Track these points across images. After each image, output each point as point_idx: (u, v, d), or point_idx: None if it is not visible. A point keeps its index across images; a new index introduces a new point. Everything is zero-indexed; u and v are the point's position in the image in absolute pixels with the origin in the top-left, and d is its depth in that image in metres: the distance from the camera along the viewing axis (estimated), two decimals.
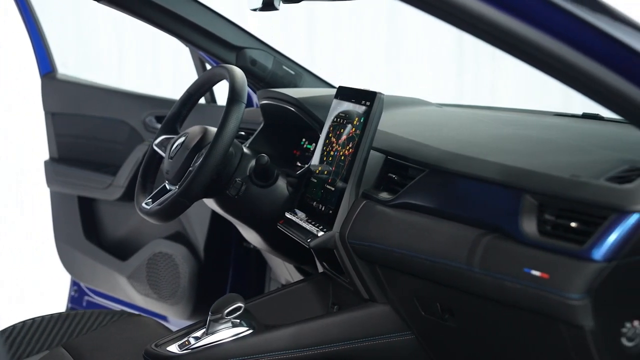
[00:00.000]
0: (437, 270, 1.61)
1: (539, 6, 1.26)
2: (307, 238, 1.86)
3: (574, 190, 1.44)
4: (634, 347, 1.41)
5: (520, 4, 1.25)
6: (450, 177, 1.68)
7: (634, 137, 1.44)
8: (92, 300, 3.23)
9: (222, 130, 1.97)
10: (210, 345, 1.81)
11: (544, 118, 2.16)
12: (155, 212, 2.05)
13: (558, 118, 2.14)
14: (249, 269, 2.88)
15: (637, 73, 1.26)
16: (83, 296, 3.25)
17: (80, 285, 3.26)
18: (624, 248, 1.34)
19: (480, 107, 2.49)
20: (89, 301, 3.24)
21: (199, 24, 2.45)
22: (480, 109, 2.41)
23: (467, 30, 1.28)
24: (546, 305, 1.40)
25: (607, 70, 1.27)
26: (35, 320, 2.15)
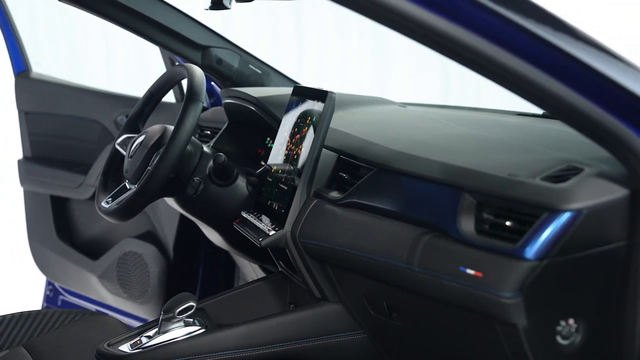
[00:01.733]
0: (381, 269, 1.61)
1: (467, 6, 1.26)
2: (259, 237, 1.86)
3: (510, 189, 1.44)
4: (568, 345, 1.41)
5: (448, 3, 1.26)
6: (396, 176, 1.69)
7: (577, 137, 1.44)
8: (67, 300, 3.24)
9: (178, 130, 1.98)
10: (161, 345, 1.82)
11: (504, 117, 2.16)
12: (113, 211, 2.05)
13: (518, 117, 2.14)
14: (219, 268, 2.89)
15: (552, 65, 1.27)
16: (58, 296, 3.26)
17: (55, 285, 3.26)
18: (555, 246, 1.34)
19: (445, 106, 2.49)
20: (63, 300, 3.25)
21: (163, 23, 2.45)
22: (443, 109, 2.41)
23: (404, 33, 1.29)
24: (480, 304, 1.40)
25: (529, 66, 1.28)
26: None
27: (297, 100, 1.99)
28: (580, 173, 1.42)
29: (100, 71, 6.05)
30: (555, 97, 1.31)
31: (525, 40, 1.28)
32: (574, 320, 1.41)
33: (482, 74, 1.33)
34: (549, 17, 1.33)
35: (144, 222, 2.93)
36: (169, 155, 1.96)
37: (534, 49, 1.28)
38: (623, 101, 1.31)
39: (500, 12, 1.27)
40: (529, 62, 1.28)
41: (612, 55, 1.34)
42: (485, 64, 1.29)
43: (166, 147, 1.97)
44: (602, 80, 1.30)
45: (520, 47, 1.28)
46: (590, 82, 1.30)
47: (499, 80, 1.32)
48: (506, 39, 1.27)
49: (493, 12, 1.27)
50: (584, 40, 1.33)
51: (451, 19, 1.26)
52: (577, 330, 1.41)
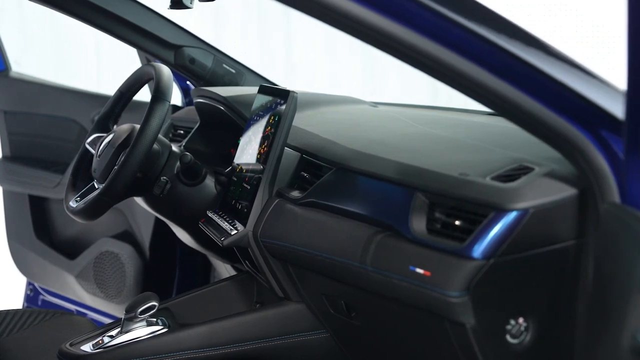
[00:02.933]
0: (337, 268, 1.61)
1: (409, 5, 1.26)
2: (221, 237, 1.86)
3: (460, 189, 1.44)
4: (518, 344, 1.41)
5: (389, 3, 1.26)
6: (353, 176, 1.69)
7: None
8: (47, 300, 3.24)
9: (144, 129, 1.97)
10: (122, 344, 1.82)
11: (473, 117, 2.16)
12: (80, 211, 2.05)
13: (488, 117, 2.13)
14: (195, 268, 2.89)
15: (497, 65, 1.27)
16: (38, 295, 3.26)
17: (35, 285, 3.27)
18: (502, 245, 1.35)
19: (417, 106, 2.49)
20: (44, 300, 3.25)
21: (135, 23, 2.44)
22: (414, 108, 2.41)
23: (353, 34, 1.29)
24: (430, 303, 1.41)
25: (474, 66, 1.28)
26: None
27: (262, 99, 1.99)
28: (530, 172, 1.42)
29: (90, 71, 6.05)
30: (501, 97, 1.31)
31: (470, 40, 1.28)
32: (523, 319, 1.41)
33: (430, 75, 1.33)
34: (495, 18, 1.33)
35: (121, 221, 2.93)
36: (134, 154, 1.96)
37: (479, 49, 1.28)
38: (569, 101, 1.31)
39: (445, 12, 1.27)
40: (475, 62, 1.29)
41: (557, 55, 1.34)
42: (432, 64, 1.29)
43: (131, 147, 1.97)
44: (548, 81, 1.30)
45: (466, 47, 1.28)
46: (535, 82, 1.30)
47: (446, 81, 1.32)
48: (452, 39, 1.27)
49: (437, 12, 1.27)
50: (528, 40, 1.33)
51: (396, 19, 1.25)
52: (526, 329, 1.41)
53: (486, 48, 1.28)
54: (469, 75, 1.29)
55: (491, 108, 1.38)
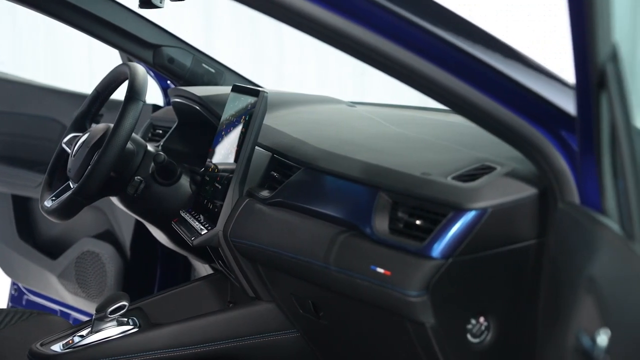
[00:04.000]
0: (303, 268, 1.61)
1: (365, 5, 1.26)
2: (192, 236, 1.86)
3: (421, 188, 1.44)
4: (479, 343, 1.42)
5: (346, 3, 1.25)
6: (320, 175, 1.69)
7: None
8: (31, 300, 3.23)
9: (117, 129, 1.97)
10: (92, 344, 1.82)
11: (448, 117, 2.15)
12: (54, 210, 2.05)
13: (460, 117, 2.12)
14: (176, 267, 2.88)
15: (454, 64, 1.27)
16: (22, 295, 3.25)
17: (19, 285, 3.26)
18: (461, 245, 1.35)
19: (395, 106, 2.49)
20: (28, 300, 3.24)
21: (113, 22, 2.44)
22: (392, 108, 2.41)
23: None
24: (390, 303, 1.41)
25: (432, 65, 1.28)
26: None
27: (234, 98, 1.99)
28: (491, 172, 1.42)
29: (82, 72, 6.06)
30: (460, 97, 1.31)
31: (428, 40, 1.28)
32: (484, 319, 1.41)
33: (389, 74, 1.33)
34: (452, 18, 1.33)
35: (102, 221, 2.93)
36: (107, 154, 1.95)
37: (436, 48, 1.28)
38: (527, 101, 1.31)
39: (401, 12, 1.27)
40: (433, 61, 1.28)
41: (514, 54, 1.34)
42: (390, 64, 1.29)
43: (104, 146, 1.97)
44: (505, 80, 1.30)
45: (424, 47, 1.28)
46: (493, 82, 1.30)
47: (406, 80, 1.32)
48: (410, 39, 1.27)
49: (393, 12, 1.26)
50: (485, 39, 1.33)
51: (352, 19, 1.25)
52: (487, 328, 1.41)
53: (444, 48, 1.28)
54: (428, 75, 1.28)
55: (451, 108, 1.38)
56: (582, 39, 1.10)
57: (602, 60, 1.09)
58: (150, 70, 2.62)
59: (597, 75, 1.10)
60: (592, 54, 1.10)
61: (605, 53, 1.09)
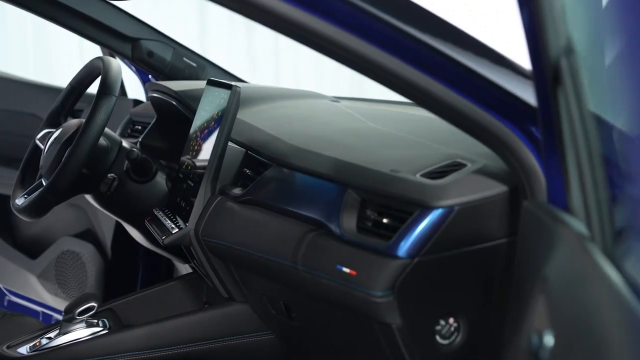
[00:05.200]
0: (272, 268, 1.57)
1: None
2: (163, 235, 1.82)
3: (389, 186, 1.40)
4: (448, 344, 1.37)
5: None
6: (291, 173, 1.65)
7: None
8: (13, 301, 3.19)
9: (89, 124, 1.93)
10: (59, 346, 1.78)
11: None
12: (24, 209, 2.01)
13: None
14: (159, 267, 2.84)
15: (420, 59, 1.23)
16: (4, 297, 3.20)
17: (0, 286, 3.21)
18: (427, 244, 1.31)
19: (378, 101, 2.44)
20: (9, 301, 3.20)
21: (90, 15, 2.39)
22: (374, 103, 2.37)
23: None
24: (356, 303, 1.37)
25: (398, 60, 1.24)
26: None
27: (209, 93, 1.94)
28: (461, 169, 1.38)
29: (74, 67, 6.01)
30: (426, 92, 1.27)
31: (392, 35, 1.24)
32: (454, 319, 1.37)
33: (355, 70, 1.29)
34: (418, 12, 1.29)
35: (82, 220, 2.88)
36: (78, 150, 1.91)
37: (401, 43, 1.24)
38: (495, 96, 1.27)
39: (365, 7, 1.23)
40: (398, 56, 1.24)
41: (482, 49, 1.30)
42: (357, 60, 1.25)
43: (75, 142, 1.92)
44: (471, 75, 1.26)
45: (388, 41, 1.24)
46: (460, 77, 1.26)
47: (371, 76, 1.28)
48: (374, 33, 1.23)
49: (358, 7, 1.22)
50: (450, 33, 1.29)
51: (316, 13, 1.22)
52: (457, 329, 1.37)
53: (409, 42, 1.24)
54: (392, 69, 1.24)
55: (417, 103, 1.34)
56: (534, 32, 1.05)
57: (555, 54, 1.04)
58: (131, 64, 2.58)
59: (552, 70, 1.05)
60: (545, 49, 1.06)
61: (559, 47, 1.04)
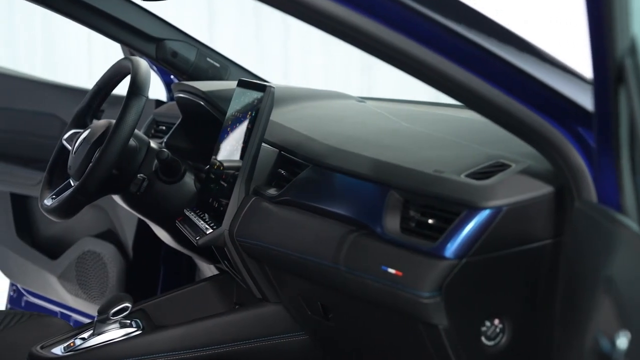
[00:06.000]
0: (311, 268, 1.57)
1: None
2: (197, 236, 1.82)
3: (434, 186, 1.40)
4: (494, 346, 1.37)
5: None
6: (328, 173, 1.65)
7: None
8: (30, 301, 3.18)
9: (119, 125, 1.93)
10: (94, 347, 1.78)
11: (460, 113, 2.11)
12: (54, 209, 2.01)
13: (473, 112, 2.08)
14: (180, 268, 2.83)
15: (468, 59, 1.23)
16: (21, 297, 3.20)
17: (18, 286, 3.21)
18: (474, 245, 1.31)
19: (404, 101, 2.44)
20: (27, 302, 3.19)
21: (114, 15, 2.39)
22: (402, 104, 2.37)
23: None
24: (402, 304, 1.37)
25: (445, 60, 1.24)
26: None
27: (240, 93, 1.94)
28: (506, 169, 1.38)
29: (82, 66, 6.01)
30: (474, 92, 1.26)
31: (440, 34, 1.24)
32: (499, 320, 1.37)
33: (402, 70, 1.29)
34: (465, 11, 1.29)
35: (103, 220, 2.88)
36: (108, 151, 1.91)
37: (450, 43, 1.24)
38: (543, 96, 1.27)
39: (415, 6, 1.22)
40: (445, 56, 1.24)
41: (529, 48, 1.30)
42: (402, 58, 1.24)
43: (106, 143, 1.92)
44: (520, 75, 1.26)
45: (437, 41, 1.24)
46: (508, 76, 1.26)
47: (418, 75, 1.28)
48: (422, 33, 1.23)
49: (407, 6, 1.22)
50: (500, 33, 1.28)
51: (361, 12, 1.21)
52: (502, 330, 1.37)
53: (456, 41, 1.24)
54: (440, 69, 1.24)
55: (464, 103, 1.34)
56: (600, 33, 1.06)
57: (620, 54, 1.05)
58: (153, 64, 2.57)
59: (615, 70, 1.06)
60: (609, 49, 1.06)
61: (624, 47, 1.05)
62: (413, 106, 2.30)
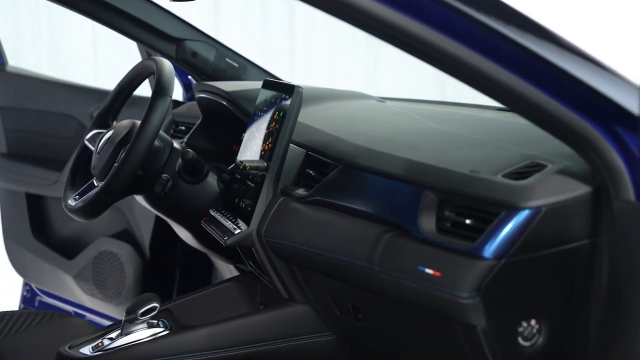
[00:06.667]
0: (343, 268, 1.57)
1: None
2: (224, 236, 1.82)
3: (470, 187, 1.40)
4: (530, 346, 1.38)
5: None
6: (360, 173, 1.65)
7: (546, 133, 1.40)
8: (44, 301, 3.19)
9: (145, 125, 1.93)
10: (123, 347, 1.78)
11: (482, 113, 2.11)
12: (79, 209, 2.01)
13: (497, 113, 2.09)
14: (196, 268, 2.84)
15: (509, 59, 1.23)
16: (35, 297, 3.21)
17: (32, 286, 3.21)
18: (514, 245, 1.31)
19: (425, 101, 2.44)
20: (41, 301, 3.20)
21: (135, 15, 2.39)
22: (422, 104, 2.37)
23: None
24: (439, 304, 1.37)
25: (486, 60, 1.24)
26: None
27: (266, 94, 1.94)
28: (542, 170, 1.38)
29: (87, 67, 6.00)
30: (513, 91, 1.27)
31: (480, 33, 1.24)
32: (535, 321, 1.37)
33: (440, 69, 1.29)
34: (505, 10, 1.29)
35: (119, 220, 2.88)
36: (134, 151, 1.91)
37: (489, 41, 1.24)
38: (582, 96, 1.27)
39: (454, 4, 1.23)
40: (485, 55, 1.24)
41: (569, 48, 1.30)
42: (441, 57, 1.25)
43: (132, 143, 1.92)
44: (560, 75, 1.26)
45: (476, 39, 1.24)
46: (548, 76, 1.26)
47: (457, 75, 1.28)
48: (461, 31, 1.23)
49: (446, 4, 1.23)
50: (540, 32, 1.29)
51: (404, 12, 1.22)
52: (539, 331, 1.37)
53: (496, 40, 1.24)
54: (479, 68, 1.25)
55: (503, 103, 1.34)
56: None
57: None
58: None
59: None
60: None
61: None
62: (434, 106, 2.30)
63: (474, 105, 2.28)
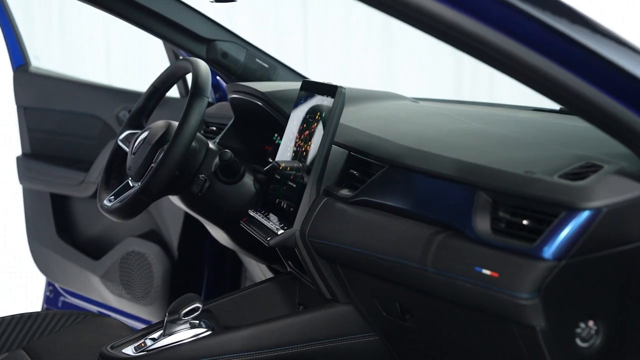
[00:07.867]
0: (392, 269, 1.56)
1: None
2: (267, 236, 1.81)
3: (527, 187, 1.39)
4: (588, 347, 1.37)
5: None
6: (407, 174, 1.64)
7: (595, 133, 1.40)
8: (68, 301, 3.18)
9: (183, 126, 1.93)
10: (166, 347, 1.77)
11: (519, 113, 2.11)
12: (116, 210, 2.01)
13: (534, 113, 2.09)
14: (225, 268, 2.84)
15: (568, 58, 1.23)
16: (58, 297, 3.20)
17: (55, 286, 3.21)
18: (574, 246, 1.30)
19: (458, 101, 2.45)
20: (64, 302, 3.19)
21: (167, 16, 2.39)
22: (456, 104, 2.37)
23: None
24: (497, 305, 1.36)
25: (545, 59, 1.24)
26: None
27: (305, 95, 1.94)
28: (600, 170, 1.38)
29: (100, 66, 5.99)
30: (572, 91, 1.26)
31: (540, 33, 1.24)
32: (593, 322, 1.36)
33: (496, 68, 1.29)
34: (565, 9, 1.29)
35: (147, 220, 2.88)
36: (173, 152, 1.91)
37: (550, 41, 1.24)
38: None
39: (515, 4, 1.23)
40: (545, 55, 1.24)
41: (630, 47, 1.29)
42: (498, 56, 1.25)
43: (170, 144, 1.92)
44: (621, 74, 1.26)
45: (537, 40, 1.24)
46: (608, 76, 1.26)
47: (514, 75, 1.28)
48: (520, 31, 1.23)
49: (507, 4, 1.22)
50: (601, 32, 1.28)
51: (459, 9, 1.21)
52: (596, 332, 1.37)
53: (550, 37, 1.24)
54: (539, 68, 1.24)
55: (560, 103, 1.34)
56: None
57: None
58: None
59: None
60: None
61: None
62: (469, 107, 2.30)
63: (508, 106, 2.28)
